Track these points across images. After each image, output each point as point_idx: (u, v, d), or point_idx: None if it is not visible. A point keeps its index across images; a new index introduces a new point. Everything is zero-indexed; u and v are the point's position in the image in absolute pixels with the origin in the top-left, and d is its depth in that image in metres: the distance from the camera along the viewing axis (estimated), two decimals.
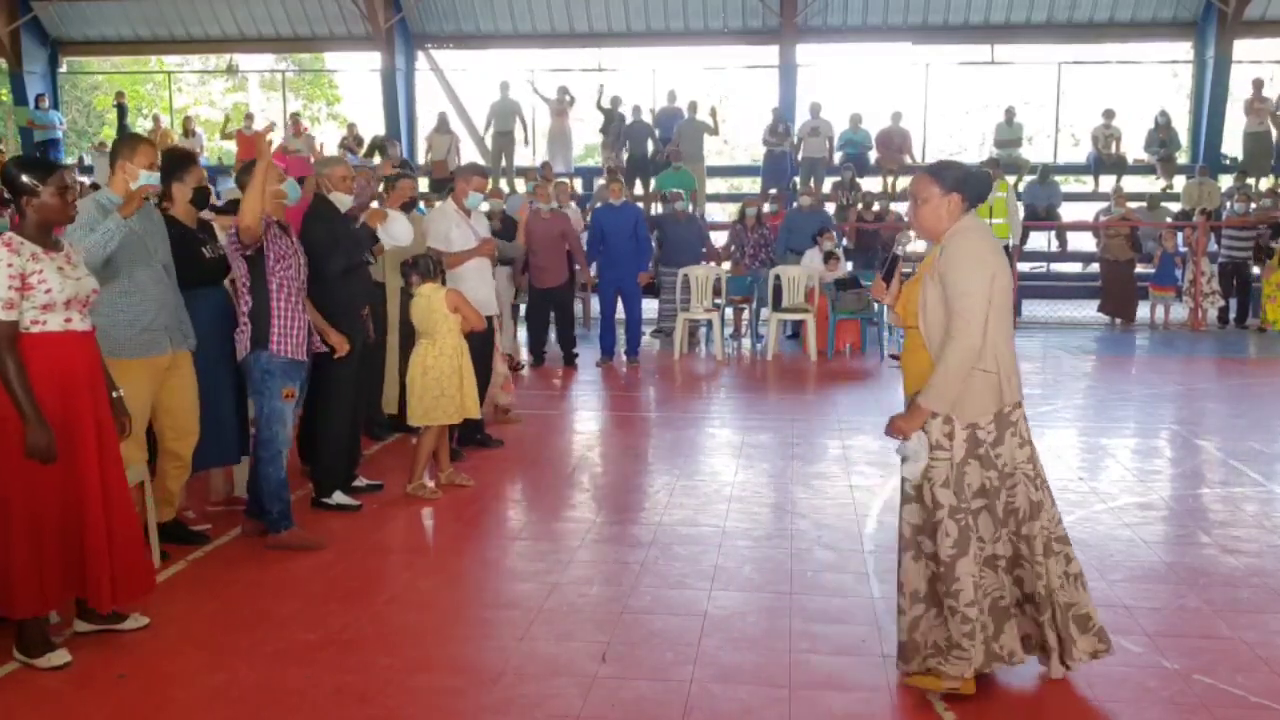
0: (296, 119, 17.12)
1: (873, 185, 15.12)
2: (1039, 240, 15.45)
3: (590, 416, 8.20)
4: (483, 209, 7.17)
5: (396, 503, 5.51)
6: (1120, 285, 12.69)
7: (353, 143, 15.77)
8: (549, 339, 10.18)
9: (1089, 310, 13.07)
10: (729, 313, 11.33)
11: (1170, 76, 20.50)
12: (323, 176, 5.35)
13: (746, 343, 11.39)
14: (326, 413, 5.35)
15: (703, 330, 11.04)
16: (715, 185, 18.80)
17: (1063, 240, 15.27)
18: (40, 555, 3.47)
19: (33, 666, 3.53)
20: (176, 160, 4.79)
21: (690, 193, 12.83)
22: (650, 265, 10.44)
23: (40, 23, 18.59)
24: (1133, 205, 13.61)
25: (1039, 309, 13.28)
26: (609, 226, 9.86)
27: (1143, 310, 12.81)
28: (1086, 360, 10.46)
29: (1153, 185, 15.51)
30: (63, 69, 19.79)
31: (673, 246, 10.91)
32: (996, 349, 3.20)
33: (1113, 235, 12.73)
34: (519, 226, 8.46)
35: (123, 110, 18.15)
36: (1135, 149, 16.03)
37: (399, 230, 5.61)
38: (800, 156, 15.48)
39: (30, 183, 3.49)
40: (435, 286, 5.59)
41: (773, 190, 14.33)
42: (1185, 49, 17.17)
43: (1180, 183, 15.13)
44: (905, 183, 13.76)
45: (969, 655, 3.22)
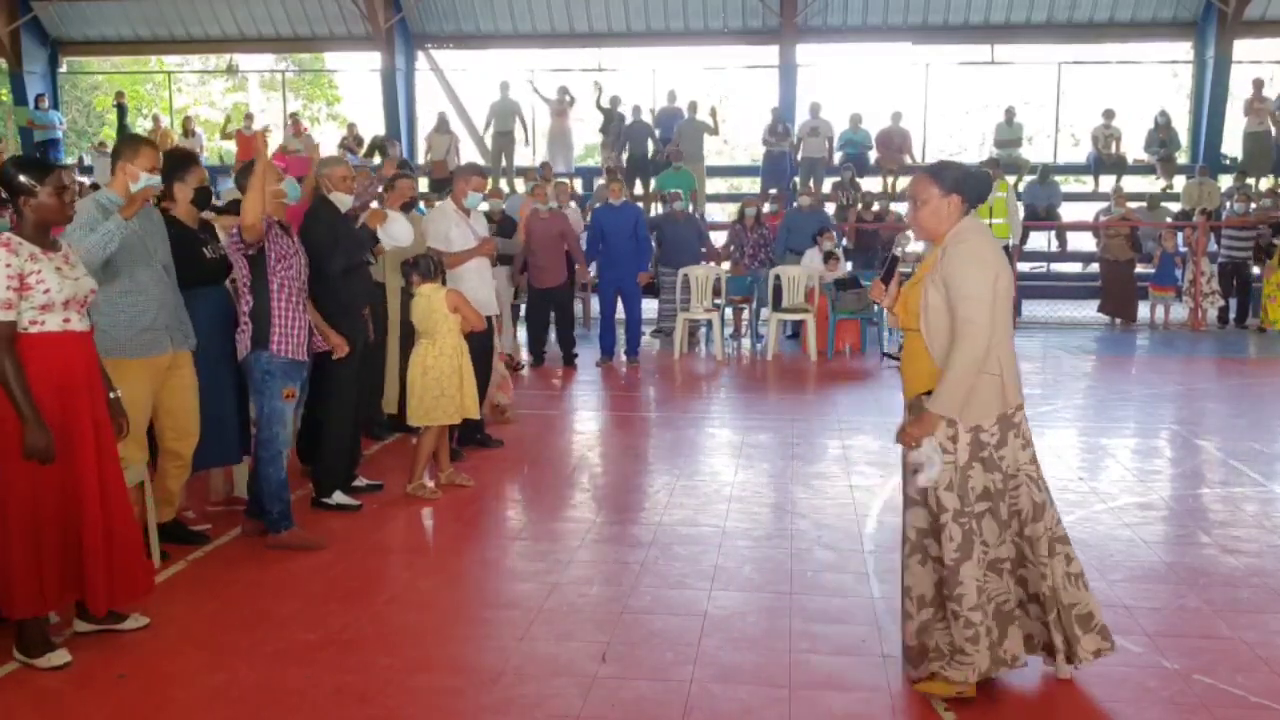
0: (296, 119, 17.12)
1: (873, 185, 15.13)
2: (1039, 240, 15.45)
3: (590, 416, 8.20)
4: (482, 209, 7.17)
5: (396, 503, 5.51)
6: (1120, 285, 12.69)
7: (353, 143, 15.75)
8: (549, 339, 10.18)
9: (1089, 310, 13.06)
10: (729, 313, 11.33)
11: (1170, 76, 20.51)
12: (323, 176, 5.33)
13: (746, 343, 11.38)
14: (327, 413, 5.35)
15: (703, 330, 11.04)
16: (715, 185, 18.81)
17: (1063, 240, 15.27)
18: (39, 555, 3.47)
19: (33, 666, 3.53)
20: (178, 160, 4.78)
21: (690, 193, 12.83)
22: (650, 265, 10.45)
23: (40, 23, 18.58)
24: (1133, 205, 13.61)
25: (1039, 309, 13.27)
26: (609, 226, 9.87)
27: (1143, 310, 12.81)
28: (1086, 360, 10.46)
29: (1153, 185, 15.51)
30: (63, 69, 19.79)
31: (671, 246, 10.90)
32: (998, 350, 3.20)
33: (1113, 235, 12.72)
34: (520, 224, 8.46)
35: (123, 110, 18.15)
36: (1135, 149, 16.03)
37: (398, 231, 5.61)
38: (800, 156, 15.48)
39: (27, 183, 3.49)
40: (436, 286, 5.59)
41: (772, 190, 14.33)
42: (1185, 49, 17.17)
43: (1180, 183, 15.13)
44: (905, 183, 13.74)
45: (973, 660, 3.21)
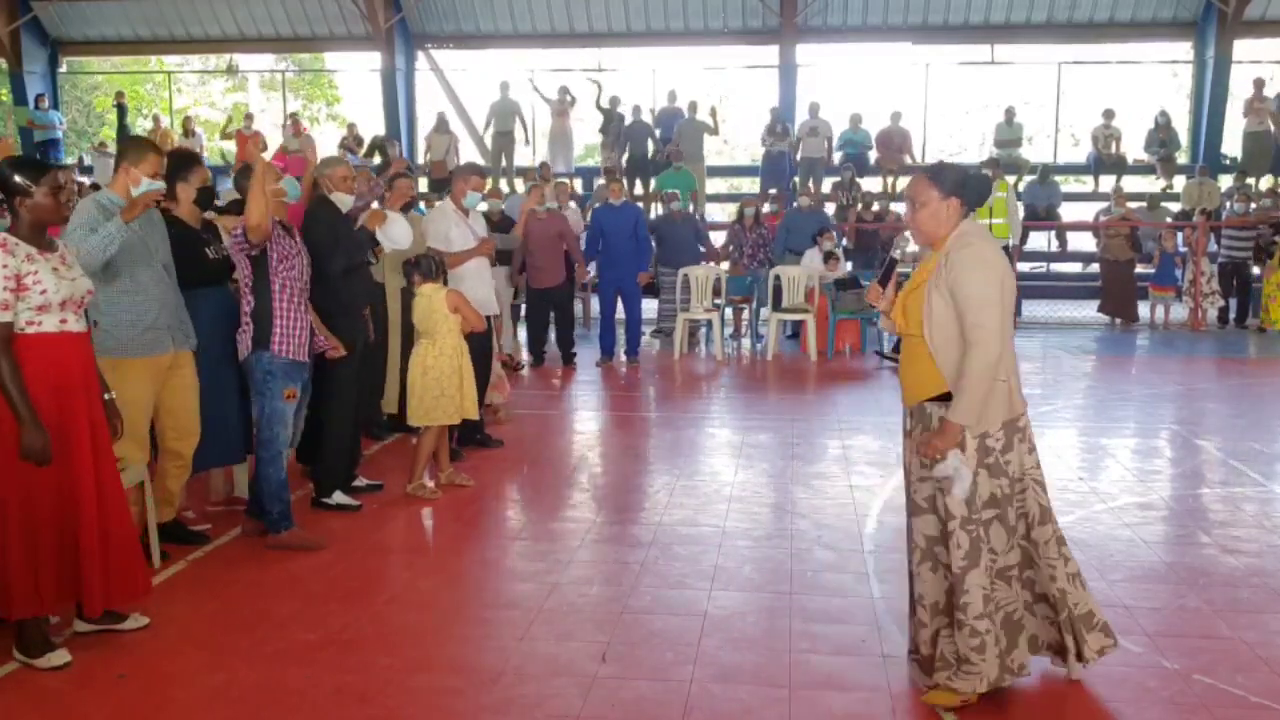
0: (296, 119, 17.11)
1: (872, 185, 15.13)
2: (1039, 240, 15.45)
3: (590, 416, 8.20)
4: (481, 209, 7.17)
5: (396, 503, 5.51)
6: (1120, 285, 12.69)
7: (353, 143, 15.75)
8: (549, 339, 10.18)
9: (1089, 310, 13.06)
10: (729, 313, 11.33)
11: (1170, 76, 20.51)
12: (323, 177, 5.33)
13: (746, 343, 11.39)
14: (327, 413, 5.35)
15: (702, 330, 11.04)
16: (715, 185, 18.81)
17: (1063, 240, 15.27)
18: (36, 556, 3.47)
19: (33, 666, 3.53)
20: (182, 160, 4.79)
21: (690, 193, 12.82)
22: (650, 265, 10.45)
23: (40, 23, 18.58)
24: (1133, 205, 13.61)
25: (1039, 309, 13.27)
26: (609, 226, 9.87)
27: (1143, 310, 12.81)
28: (1086, 360, 10.46)
29: (1153, 185, 15.51)
30: (63, 69, 19.80)
31: (670, 247, 10.90)
32: (1004, 356, 3.17)
33: (1113, 235, 12.72)
34: (519, 222, 8.44)
35: (123, 110, 18.14)
36: (1135, 149, 16.03)
37: (398, 232, 5.60)
38: (799, 156, 15.48)
39: (23, 183, 3.48)
40: (437, 286, 5.59)
41: (772, 190, 14.33)
42: (1185, 49, 17.18)
43: (1180, 183, 15.13)
44: (905, 183, 13.74)
45: (980, 670, 3.18)
